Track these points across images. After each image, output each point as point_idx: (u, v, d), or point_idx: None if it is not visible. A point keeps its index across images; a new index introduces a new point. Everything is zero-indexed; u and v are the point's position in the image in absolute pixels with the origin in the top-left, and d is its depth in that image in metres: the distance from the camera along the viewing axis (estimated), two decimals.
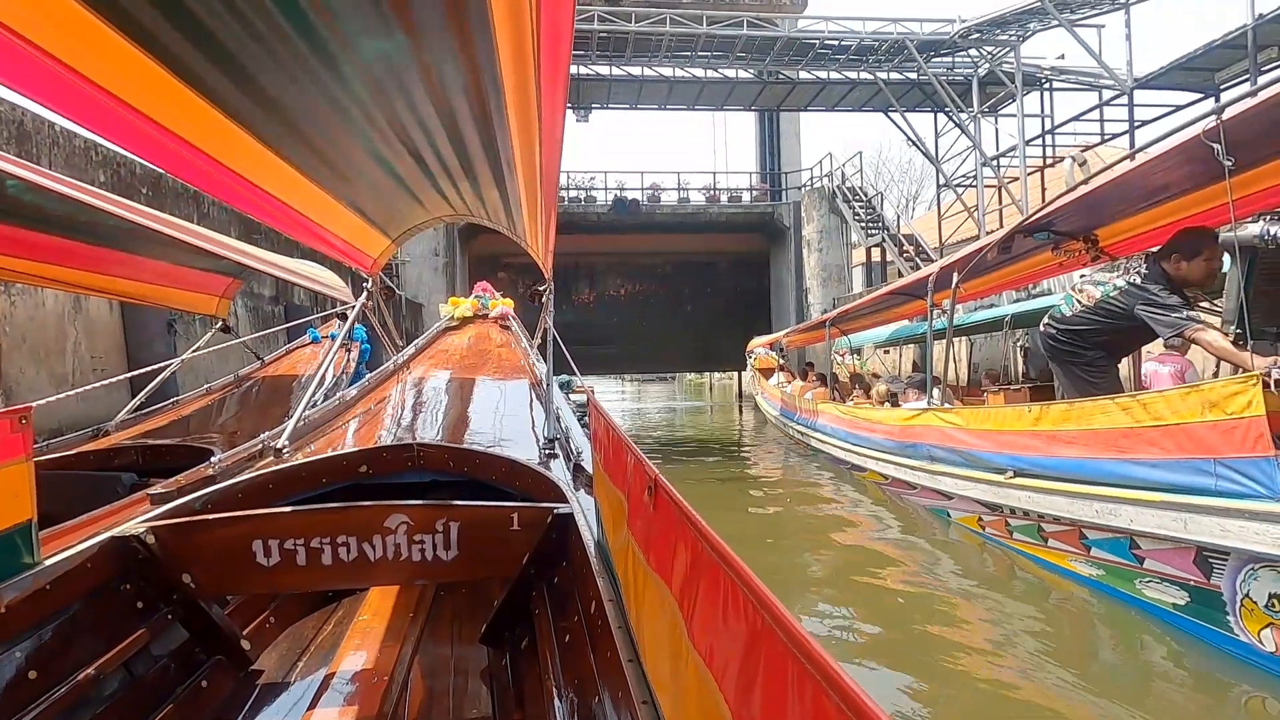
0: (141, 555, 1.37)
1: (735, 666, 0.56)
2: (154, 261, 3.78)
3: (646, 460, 0.90)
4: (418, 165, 1.81)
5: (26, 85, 1.13)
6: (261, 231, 8.94)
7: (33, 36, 1.01)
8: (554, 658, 1.36)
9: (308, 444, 2.17)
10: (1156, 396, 2.78)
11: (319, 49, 1.17)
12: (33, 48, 1.02)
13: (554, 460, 2.01)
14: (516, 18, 1.04)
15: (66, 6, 0.96)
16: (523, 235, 2.45)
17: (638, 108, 17.65)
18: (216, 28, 1.07)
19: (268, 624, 1.72)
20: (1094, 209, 3.86)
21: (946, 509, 4.68)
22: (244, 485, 1.72)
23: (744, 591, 0.55)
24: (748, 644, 0.53)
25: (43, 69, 1.08)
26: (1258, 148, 2.79)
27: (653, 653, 0.88)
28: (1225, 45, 9.84)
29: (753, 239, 19.58)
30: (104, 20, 1.02)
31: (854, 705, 0.38)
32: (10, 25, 0.97)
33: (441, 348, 3.35)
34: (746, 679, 0.54)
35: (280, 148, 1.55)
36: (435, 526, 1.47)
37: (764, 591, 0.52)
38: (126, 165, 6.24)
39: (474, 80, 1.29)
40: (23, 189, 2.38)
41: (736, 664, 0.56)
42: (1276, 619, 2.33)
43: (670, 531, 0.78)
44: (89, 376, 5.44)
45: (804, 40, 14.80)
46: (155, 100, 1.26)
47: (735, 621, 0.56)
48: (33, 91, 1.15)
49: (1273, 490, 2.27)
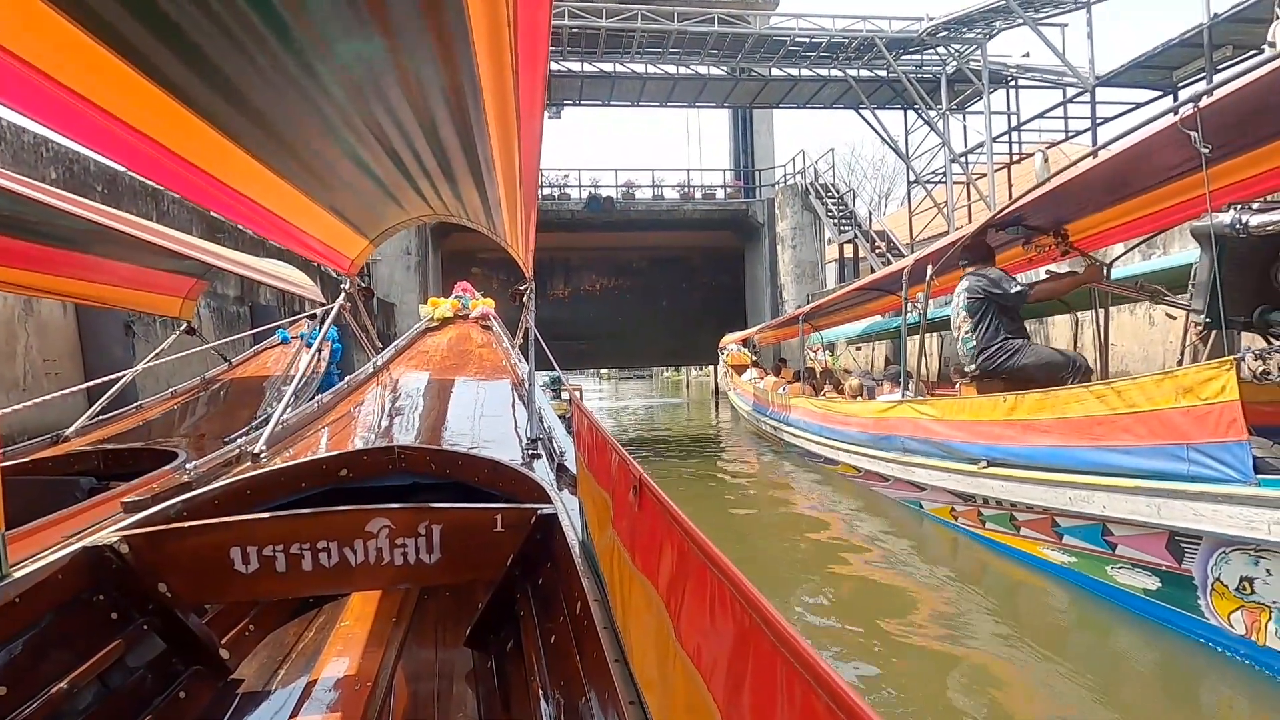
0: (115, 565, 1.33)
1: (723, 665, 0.56)
2: (113, 263, 3.64)
3: (631, 460, 0.88)
4: (396, 166, 1.78)
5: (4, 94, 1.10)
6: (226, 230, 8.70)
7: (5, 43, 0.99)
8: (540, 659, 1.35)
9: (286, 448, 2.11)
10: (1131, 384, 2.83)
11: (294, 51, 1.15)
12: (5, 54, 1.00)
13: (537, 461, 1.99)
14: (494, 18, 1.03)
15: (36, 9, 0.94)
16: (502, 235, 2.43)
17: (610, 104, 17.60)
18: (190, 29, 1.05)
19: (247, 632, 1.68)
20: (1065, 203, 3.94)
21: (919, 500, 4.75)
22: (220, 491, 1.67)
23: (731, 591, 0.54)
24: (735, 643, 0.53)
25: (10, 72, 1.04)
26: (1233, 135, 2.86)
27: (640, 653, 0.87)
28: (1182, 44, 10.15)
29: (727, 236, 19.68)
30: (73, 22, 0.99)
31: (842, 703, 0.38)
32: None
33: (422, 349, 3.30)
34: (735, 678, 0.53)
35: (255, 149, 1.52)
36: (418, 529, 1.44)
37: (751, 591, 0.51)
38: (80, 162, 6.01)
39: (452, 81, 1.28)
40: None
41: (724, 663, 0.55)
42: (1247, 602, 2.39)
43: (656, 531, 0.77)
44: (42, 380, 5.24)
45: (775, 37, 14.90)
46: (126, 101, 1.23)
47: (723, 621, 0.56)
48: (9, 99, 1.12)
49: (1245, 474, 2.32)
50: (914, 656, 2.83)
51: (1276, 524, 2.18)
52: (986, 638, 2.97)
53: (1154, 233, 4.60)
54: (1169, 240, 6.77)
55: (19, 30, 1.00)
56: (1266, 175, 3.22)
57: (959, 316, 4.28)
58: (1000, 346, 4.07)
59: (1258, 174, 3.23)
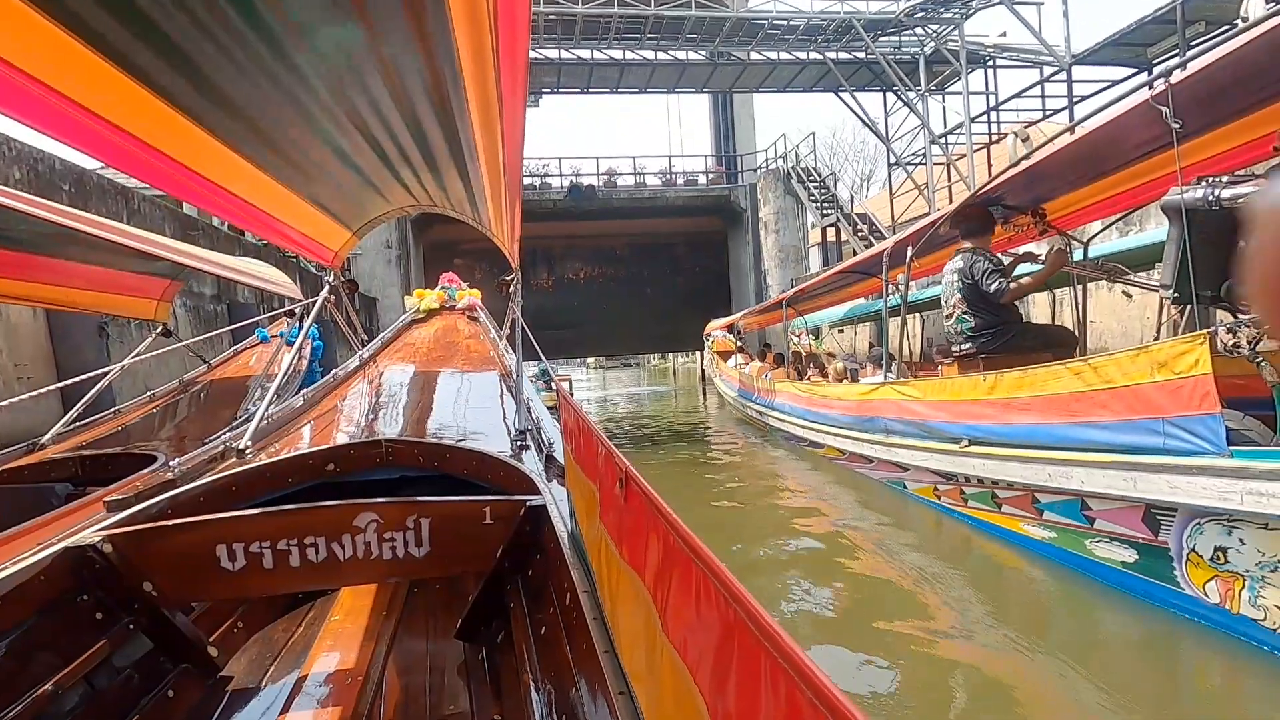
0: (99, 565, 1.32)
1: (709, 659, 0.56)
2: (83, 266, 3.56)
3: (617, 452, 0.89)
4: (378, 156, 1.77)
5: None
6: (199, 228, 8.55)
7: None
8: (530, 651, 1.35)
9: (271, 444, 2.10)
10: (1108, 360, 2.88)
11: (269, 39, 1.14)
12: None
13: (525, 452, 1.99)
14: (473, 6, 1.03)
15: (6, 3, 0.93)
16: (487, 225, 2.42)
17: (589, 92, 17.42)
18: (161, 19, 1.04)
19: (235, 629, 1.67)
20: (1041, 181, 3.97)
21: (903, 481, 4.80)
22: (205, 489, 1.66)
23: (715, 584, 0.55)
24: (720, 637, 0.54)
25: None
26: (1203, 111, 2.89)
27: (629, 644, 0.88)
28: (1156, 21, 10.22)
29: (711, 221, 19.66)
30: (43, 13, 0.98)
31: (824, 698, 0.39)
32: None
33: (408, 341, 3.28)
34: (720, 671, 0.54)
35: (232, 140, 1.50)
36: (406, 523, 1.44)
37: (735, 585, 0.52)
38: (45, 161, 5.86)
39: (432, 69, 1.27)
40: None
41: (710, 656, 0.56)
42: (1221, 571, 2.45)
43: (642, 524, 0.77)
44: (13, 385, 5.13)
45: (753, 21, 14.80)
46: (98, 93, 1.21)
47: (708, 614, 0.56)
48: None
49: (1218, 446, 2.37)
50: (895, 640, 2.87)
51: (1249, 494, 2.23)
52: (970, 617, 3.02)
53: (1130, 210, 4.65)
54: (1144, 217, 6.86)
55: (4, 34, 0.99)
56: (1238, 150, 3.26)
57: (953, 296, 4.23)
58: (1002, 328, 4.05)
59: (1230, 148, 3.27)
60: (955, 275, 4.19)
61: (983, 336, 4.09)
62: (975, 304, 4.10)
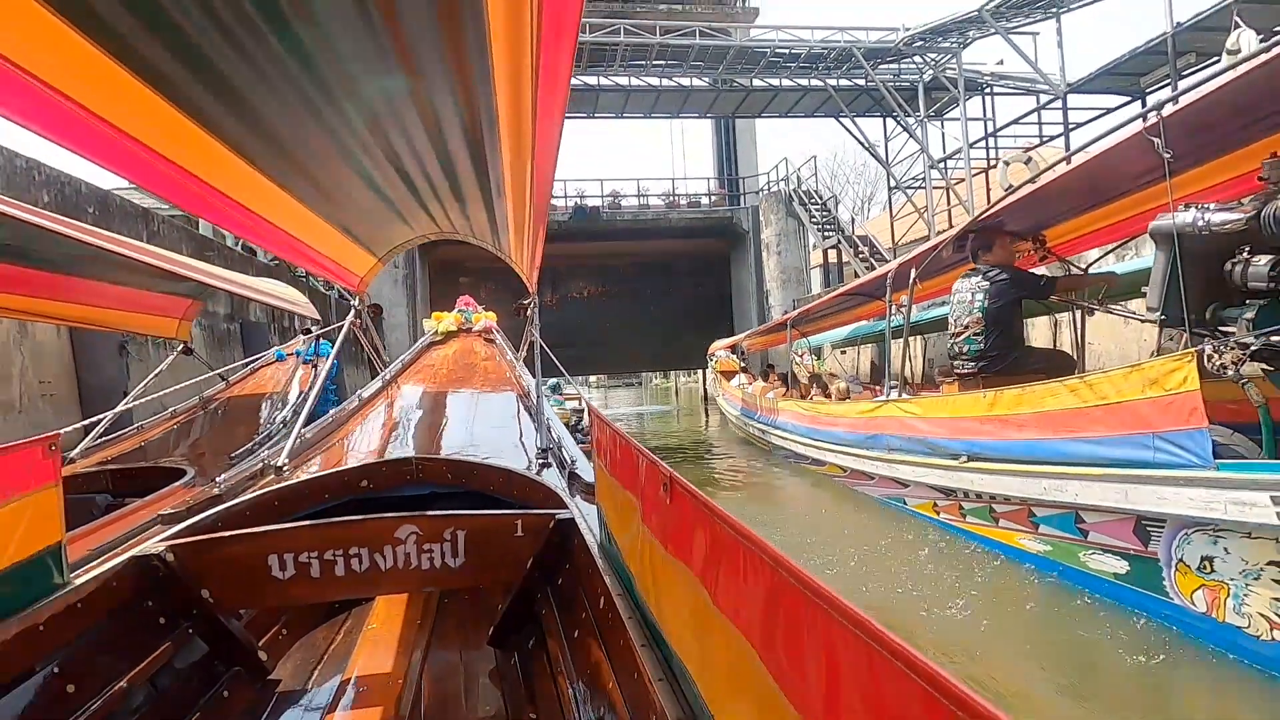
0: (162, 573, 1.42)
1: (759, 618, 0.66)
2: (109, 285, 3.67)
3: (659, 460, 0.98)
4: (408, 188, 1.86)
5: (22, 113, 1.12)
6: (214, 248, 8.73)
7: (32, 67, 1.01)
8: (564, 653, 1.43)
9: (306, 461, 2.20)
10: (1102, 377, 2.99)
11: (320, 85, 1.22)
12: (30, 76, 1.02)
13: (547, 469, 2.08)
14: (516, 62, 1.10)
15: (70, 39, 0.98)
16: (507, 252, 2.52)
17: (595, 116, 17.76)
18: (217, 57, 1.10)
19: (281, 635, 1.76)
20: (1040, 208, 4.10)
21: (902, 497, 4.89)
22: (251, 503, 1.76)
23: (762, 557, 0.65)
24: (767, 597, 0.63)
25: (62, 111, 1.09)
26: (1194, 143, 3.03)
27: (676, 626, 0.97)
28: (1148, 51, 10.47)
29: (713, 243, 19.85)
30: (111, 56, 1.03)
31: (860, 624, 0.47)
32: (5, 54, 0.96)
33: (428, 362, 3.38)
34: (769, 626, 0.64)
35: (274, 173, 1.60)
36: (443, 535, 1.53)
37: (779, 554, 0.62)
38: (71, 184, 6.04)
39: (470, 115, 1.35)
40: None
41: (759, 615, 0.66)
42: (1208, 580, 2.55)
43: (688, 520, 0.86)
44: (37, 402, 5.25)
45: (755, 49, 15.15)
46: (153, 126, 1.28)
47: (755, 583, 0.66)
48: (32, 120, 1.14)
49: (1205, 459, 2.48)
50: None
51: (1233, 504, 2.34)
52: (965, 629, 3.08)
53: (1128, 238, 4.78)
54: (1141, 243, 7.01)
55: (68, 70, 1.05)
56: (1229, 183, 3.40)
57: (969, 316, 4.23)
58: (1007, 351, 4.13)
59: (1221, 181, 3.41)
60: (980, 294, 4.18)
61: (987, 359, 4.17)
62: (992, 325, 4.13)
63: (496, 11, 0.96)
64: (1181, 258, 2.78)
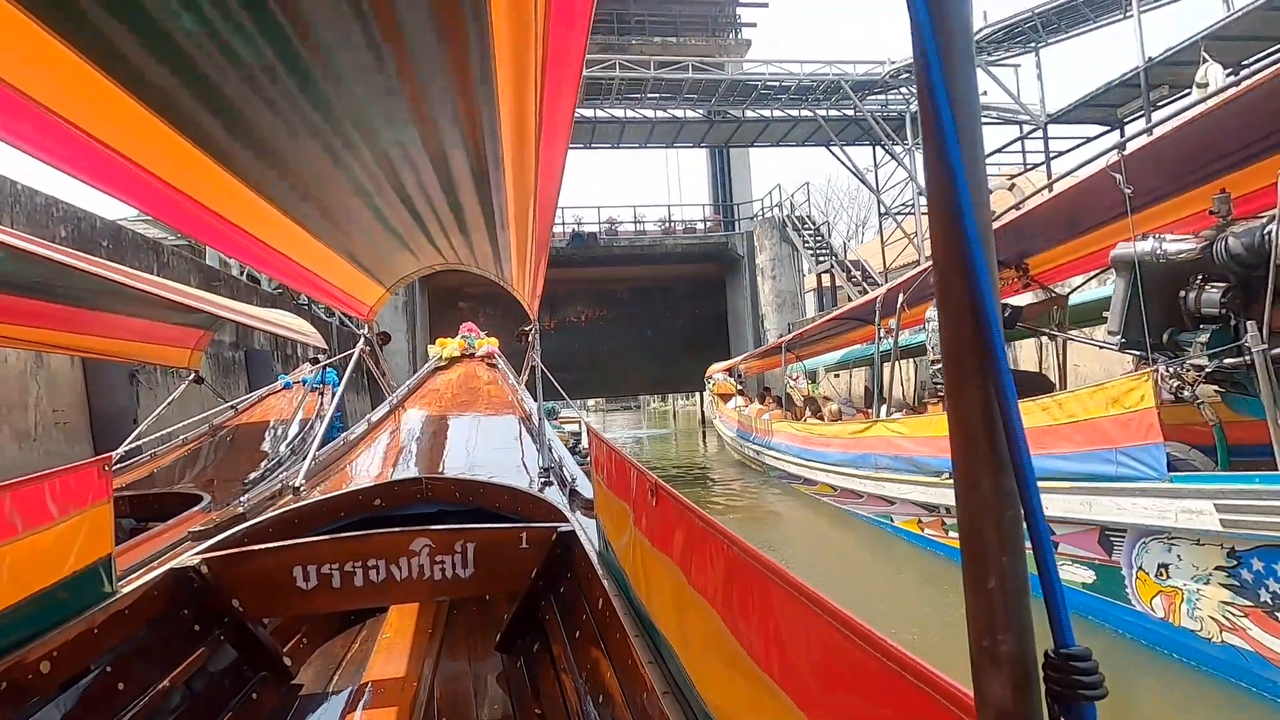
0: (196, 584, 1.56)
1: (722, 591, 0.81)
2: (124, 318, 3.79)
3: (647, 470, 1.15)
4: (416, 223, 2.01)
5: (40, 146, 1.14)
6: (220, 278, 8.94)
7: (50, 102, 1.03)
8: (567, 653, 1.56)
9: (321, 481, 2.34)
10: (1070, 396, 3.18)
11: (339, 131, 1.32)
12: (49, 111, 1.04)
13: (549, 488, 2.21)
14: (520, 109, 1.20)
15: (100, 84, 1.01)
16: (509, 281, 2.68)
17: (592, 147, 18.16)
18: (236, 98, 1.15)
19: (302, 643, 1.90)
20: (1020, 238, 4.31)
21: (889, 515, 5.04)
22: (274, 520, 1.90)
23: (722, 540, 0.81)
24: (727, 574, 0.79)
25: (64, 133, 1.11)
26: (1154, 177, 3.27)
27: (661, 610, 1.11)
28: (1123, 84, 10.86)
29: (709, 267, 20.10)
30: (144, 103, 1.09)
31: (796, 585, 0.62)
32: (25, 89, 0.99)
33: (433, 387, 3.51)
34: (731, 596, 0.78)
35: (289, 208, 1.71)
36: (454, 548, 1.67)
37: (735, 536, 0.78)
38: (87, 220, 6.25)
39: (478, 159, 1.48)
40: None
41: (723, 590, 0.80)
42: (1164, 586, 2.72)
43: (670, 518, 1.02)
44: (50, 430, 5.39)
45: (747, 82, 15.62)
46: (188, 174, 1.38)
47: (718, 561, 0.82)
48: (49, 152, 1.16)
49: (1160, 472, 2.67)
50: None
51: (1182, 512, 2.53)
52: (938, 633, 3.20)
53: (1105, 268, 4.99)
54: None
55: (102, 116, 1.11)
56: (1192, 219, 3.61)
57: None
58: None
59: (1184, 217, 3.62)
60: None
61: None
62: None
63: (504, 63, 1.07)
64: (1141, 285, 2.97)
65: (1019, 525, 0.48)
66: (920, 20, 0.46)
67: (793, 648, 0.65)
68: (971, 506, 0.48)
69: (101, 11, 0.89)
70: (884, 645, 0.52)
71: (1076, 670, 0.46)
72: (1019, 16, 12.41)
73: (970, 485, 0.48)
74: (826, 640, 0.58)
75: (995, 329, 0.48)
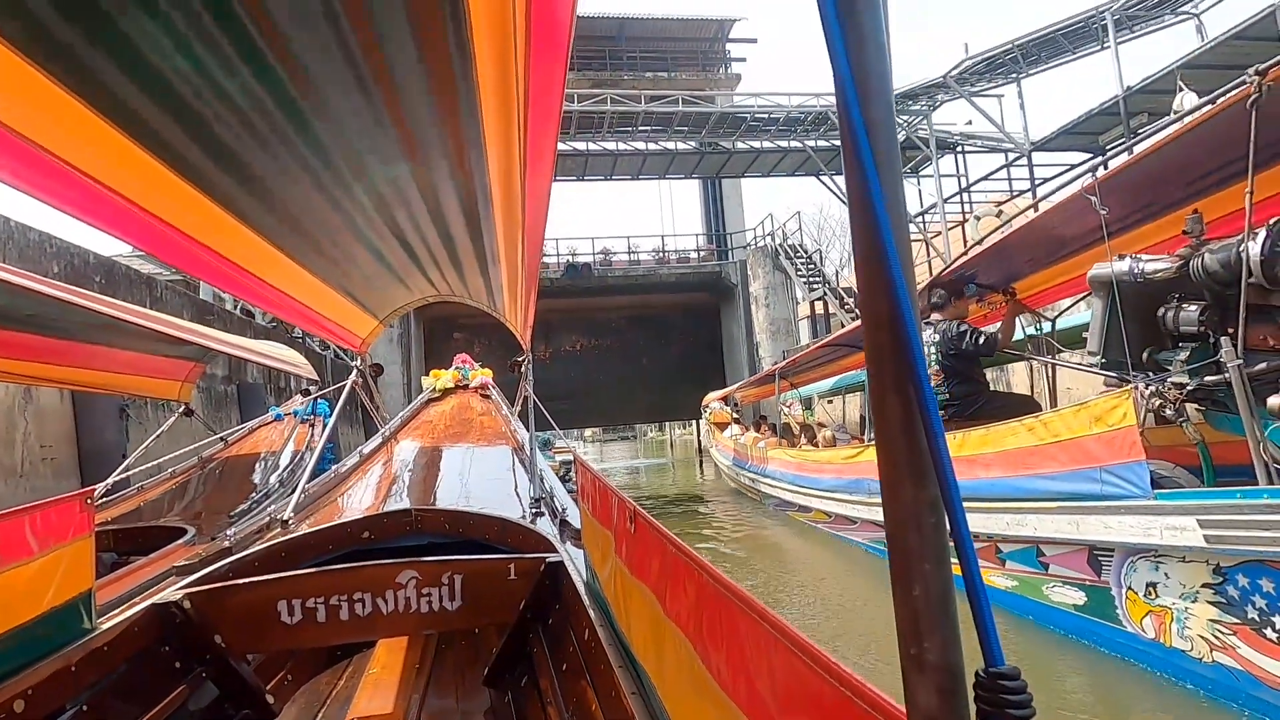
0: (179, 619, 1.52)
1: (694, 619, 0.80)
2: (115, 350, 3.77)
3: (627, 497, 1.15)
4: (408, 256, 2.02)
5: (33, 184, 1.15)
6: (214, 312, 8.97)
7: (43, 140, 1.04)
8: (554, 685, 1.53)
9: (310, 514, 2.31)
10: (1054, 416, 3.18)
11: (333, 170, 1.34)
12: (42, 149, 1.05)
13: (540, 518, 2.18)
14: (506, 144, 1.25)
15: (94, 123, 1.02)
16: (502, 312, 2.68)
17: (585, 179, 18.43)
18: (229, 138, 1.15)
19: (286, 680, 1.85)
20: (1005, 262, 4.36)
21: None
22: (260, 554, 1.86)
23: (694, 567, 0.81)
24: (698, 600, 0.79)
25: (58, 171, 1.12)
26: (1129, 203, 3.33)
27: (640, 641, 1.10)
28: (1103, 113, 11.13)
29: (703, 296, 20.22)
30: (137, 141, 1.10)
31: (756, 610, 0.62)
32: (19, 129, 1.00)
33: (426, 418, 3.50)
34: (701, 624, 0.78)
35: (281, 242, 1.72)
36: (441, 580, 1.64)
37: (706, 563, 0.78)
38: (80, 255, 6.30)
39: (468, 193, 1.51)
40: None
41: (694, 617, 0.80)
42: (1154, 606, 2.69)
43: (647, 546, 1.02)
44: (38, 465, 5.35)
45: (736, 114, 15.95)
46: (183, 211, 1.39)
47: (690, 589, 0.82)
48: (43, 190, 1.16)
49: (1144, 490, 2.66)
50: None
51: (1167, 529, 2.53)
52: None
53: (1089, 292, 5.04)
54: None
55: (96, 155, 1.11)
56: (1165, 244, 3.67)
57: (929, 368, 4.46)
58: (973, 397, 4.36)
59: (1162, 241, 3.68)
60: (933, 348, 4.45)
61: (954, 405, 4.38)
62: (953, 374, 4.36)
63: (488, 99, 1.10)
64: (1120, 304, 3.00)
65: (942, 532, 0.49)
66: (843, 74, 0.51)
67: (758, 676, 0.65)
68: (894, 514, 0.49)
69: (95, 52, 0.91)
70: (833, 666, 0.52)
71: (1005, 690, 0.46)
72: (1000, 48, 12.75)
73: (893, 492, 0.49)
74: (786, 666, 0.58)
75: (914, 338, 0.50)
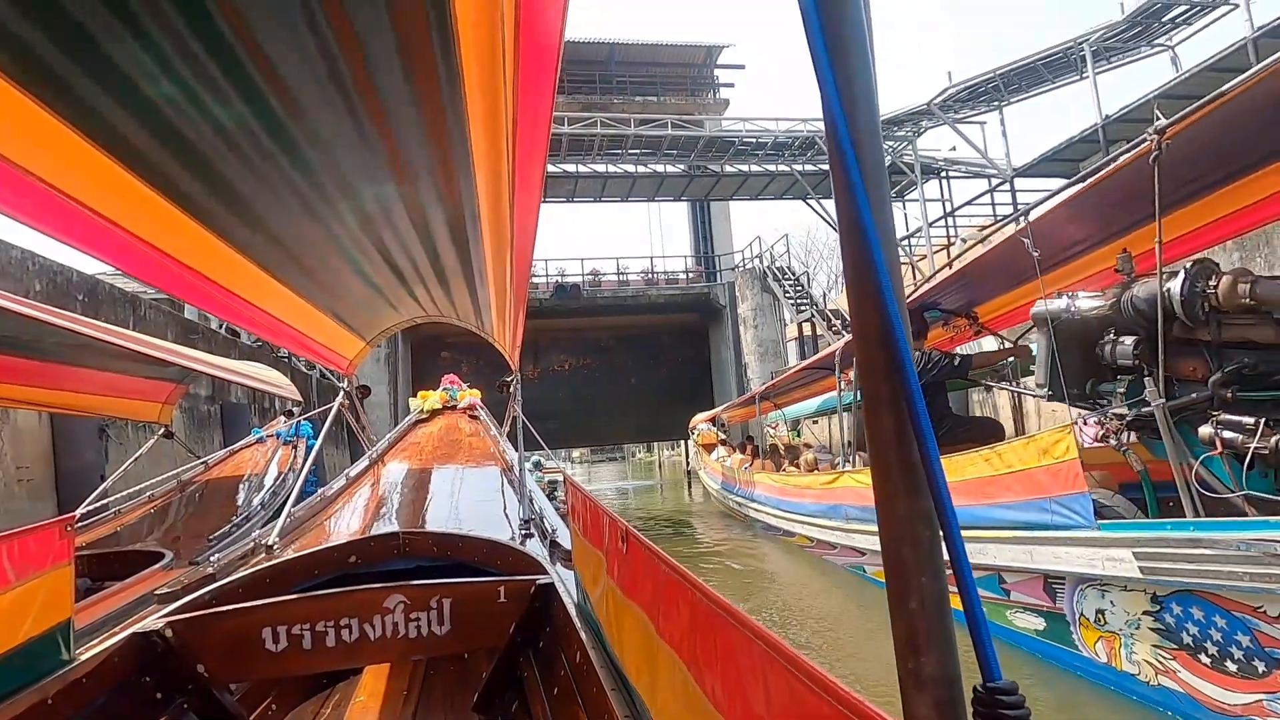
0: (160, 649, 1.47)
1: (688, 639, 0.79)
2: (93, 371, 3.72)
3: (619, 518, 1.14)
4: (396, 277, 2.00)
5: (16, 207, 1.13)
6: (199, 331, 8.91)
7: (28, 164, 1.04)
8: (545, 710, 1.50)
9: (296, 539, 2.26)
10: (1007, 447, 3.24)
11: (319, 190, 1.33)
12: (27, 173, 1.05)
13: (530, 540, 2.15)
14: (494, 166, 1.24)
15: (78, 146, 1.02)
16: (490, 333, 2.67)
17: (574, 201, 18.57)
18: (216, 158, 1.15)
19: (271, 709, 1.80)
20: (966, 288, 4.47)
21: (862, 565, 5.02)
22: (244, 580, 1.82)
23: (688, 587, 0.79)
24: (692, 620, 0.77)
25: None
26: (1056, 242, 3.48)
27: (633, 662, 1.08)
28: (1083, 140, 11.40)
29: (691, 317, 20.28)
30: (138, 176, 1.12)
31: (749, 628, 0.60)
32: (3, 153, 0.99)
33: (414, 440, 3.46)
34: (695, 644, 0.77)
35: (267, 263, 1.70)
36: (430, 604, 1.60)
37: (700, 583, 0.77)
38: (63, 274, 6.26)
39: (455, 214, 1.50)
40: None
41: (688, 637, 0.79)
42: (1104, 631, 2.76)
43: (640, 566, 1.00)
44: (14, 487, 5.27)
45: (724, 138, 16.19)
46: (168, 234, 1.39)
47: (684, 609, 0.80)
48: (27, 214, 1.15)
49: (1088, 521, 2.73)
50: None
51: (1108, 560, 2.60)
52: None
53: None
54: None
55: (81, 178, 1.11)
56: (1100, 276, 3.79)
57: None
58: (939, 422, 4.41)
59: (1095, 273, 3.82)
60: None
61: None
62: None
63: (477, 123, 1.10)
64: (1059, 339, 3.10)
65: (937, 546, 0.49)
66: (830, 95, 0.51)
67: (753, 696, 0.63)
68: (889, 528, 0.49)
69: (82, 77, 0.91)
70: (830, 685, 0.50)
71: (1003, 705, 0.46)
72: (982, 77, 13.06)
73: (887, 507, 0.49)
74: (783, 685, 0.56)
75: (905, 354, 0.50)
